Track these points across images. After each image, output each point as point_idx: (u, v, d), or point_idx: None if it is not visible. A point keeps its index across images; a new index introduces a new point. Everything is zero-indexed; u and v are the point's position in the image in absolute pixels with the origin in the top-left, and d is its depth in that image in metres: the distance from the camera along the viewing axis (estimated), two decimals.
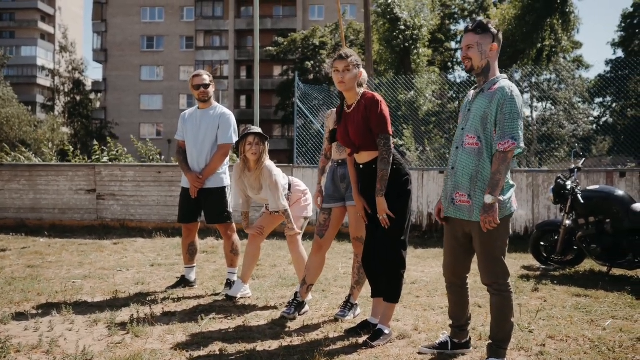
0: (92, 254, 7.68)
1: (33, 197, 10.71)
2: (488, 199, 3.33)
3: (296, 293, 4.66)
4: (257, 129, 4.91)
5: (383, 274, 4.07)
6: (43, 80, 65.45)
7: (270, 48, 43.01)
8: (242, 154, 4.88)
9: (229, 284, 5.40)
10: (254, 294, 5.37)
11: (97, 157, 12.33)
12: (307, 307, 4.72)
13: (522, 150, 3.41)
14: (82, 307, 4.78)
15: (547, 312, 4.76)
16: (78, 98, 51.08)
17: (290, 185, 5.11)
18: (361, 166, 4.12)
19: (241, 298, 5.16)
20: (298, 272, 5.09)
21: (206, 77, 5.52)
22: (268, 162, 4.91)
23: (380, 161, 3.94)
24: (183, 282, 5.62)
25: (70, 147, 12.64)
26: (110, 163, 11.52)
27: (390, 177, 3.98)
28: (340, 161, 4.60)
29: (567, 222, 6.78)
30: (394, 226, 3.98)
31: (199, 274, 6.35)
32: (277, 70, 48.72)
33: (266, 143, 4.90)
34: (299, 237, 4.99)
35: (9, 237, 9.26)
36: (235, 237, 5.54)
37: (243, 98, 51.12)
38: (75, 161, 12.01)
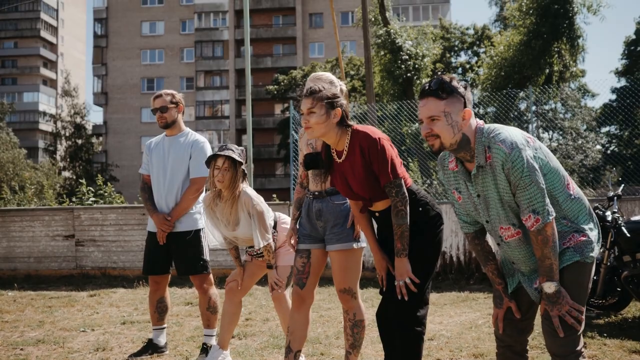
0: (58, 310, 6.69)
1: (6, 244, 9.76)
2: (549, 288, 2.47)
3: None
4: (232, 149, 3.94)
5: (397, 333, 3.10)
6: (45, 126, 65.26)
7: (270, 87, 42.49)
8: (210, 179, 3.96)
9: (205, 349, 4.38)
10: (236, 359, 4.37)
11: (80, 196, 11.43)
12: None
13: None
14: None
15: None
16: (79, 142, 50.68)
17: (276, 222, 4.14)
18: (377, 214, 3.20)
19: None
20: (285, 332, 4.10)
21: (166, 99, 4.52)
22: (248, 189, 3.98)
23: (395, 215, 2.99)
24: (150, 347, 4.58)
25: (31, 186, 11.79)
26: (90, 205, 10.60)
27: (416, 222, 3.06)
28: (316, 193, 3.57)
29: (609, 259, 5.77)
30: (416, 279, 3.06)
31: (175, 333, 5.35)
32: (278, 108, 48.16)
33: (240, 168, 3.94)
34: (286, 292, 4.01)
35: None
36: (213, 291, 4.55)
37: (244, 137, 50.50)
38: (51, 204, 11.13)
